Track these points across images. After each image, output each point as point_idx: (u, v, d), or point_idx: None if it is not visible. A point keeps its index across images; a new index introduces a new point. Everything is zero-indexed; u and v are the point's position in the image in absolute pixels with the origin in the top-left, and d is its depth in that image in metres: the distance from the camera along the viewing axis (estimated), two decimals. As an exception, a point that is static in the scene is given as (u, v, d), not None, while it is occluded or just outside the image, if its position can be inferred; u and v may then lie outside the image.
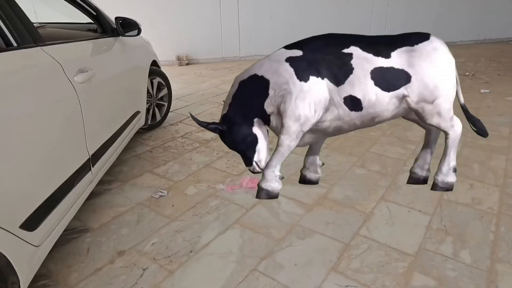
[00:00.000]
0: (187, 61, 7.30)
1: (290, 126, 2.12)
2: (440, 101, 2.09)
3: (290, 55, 2.10)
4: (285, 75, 2.06)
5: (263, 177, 2.36)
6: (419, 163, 2.54)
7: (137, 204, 2.38)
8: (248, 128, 2.25)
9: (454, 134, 2.25)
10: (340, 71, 2.05)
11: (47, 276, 1.77)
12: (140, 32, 2.91)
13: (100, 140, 2.12)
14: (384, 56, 2.06)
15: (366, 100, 2.07)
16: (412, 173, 2.58)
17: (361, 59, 2.05)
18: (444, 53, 2.08)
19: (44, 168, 1.55)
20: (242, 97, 2.23)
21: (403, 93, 2.07)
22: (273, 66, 2.11)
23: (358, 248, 1.95)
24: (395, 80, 2.05)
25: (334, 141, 3.32)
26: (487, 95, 4.84)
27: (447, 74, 2.08)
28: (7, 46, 1.56)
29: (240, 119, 2.23)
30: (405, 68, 2.05)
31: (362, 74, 2.04)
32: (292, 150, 2.22)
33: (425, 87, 2.05)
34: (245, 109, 2.23)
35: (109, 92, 2.36)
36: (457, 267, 1.81)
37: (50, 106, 1.61)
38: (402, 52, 2.07)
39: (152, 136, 3.54)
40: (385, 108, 2.11)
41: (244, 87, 2.21)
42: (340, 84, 2.05)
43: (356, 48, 2.07)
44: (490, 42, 9.45)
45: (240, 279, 1.74)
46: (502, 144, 3.24)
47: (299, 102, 2.05)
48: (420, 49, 2.06)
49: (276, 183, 2.36)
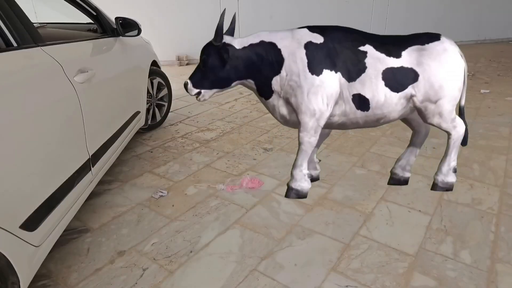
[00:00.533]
0: (187, 61, 7.29)
1: (307, 122, 2.13)
2: (443, 101, 2.09)
3: (311, 40, 2.06)
4: (298, 65, 2.04)
5: (292, 177, 2.38)
6: (401, 163, 2.54)
7: (137, 204, 2.38)
8: (234, 73, 2.12)
9: (457, 135, 2.25)
10: (354, 68, 2.05)
11: (47, 276, 1.77)
12: (140, 32, 2.91)
13: (100, 140, 2.12)
14: (395, 56, 2.06)
15: (374, 101, 2.07)
16: (393, 173, 2.58)
17: (374, 59, 2.05)
18: (454, 54, 2.08)
19: (44, 168, 1.55)
20: (255, 53, 2.09)
21: (410, 92, 2.08)
22: (293, 45, 2.07)
23: (358, 248, 1.95)
24: (404, 79, 2.06)
25: (334, 141, 3.32)
26: (487, 95, 4.84)
27: (454, 76, 2.08)
28: (7, 46, 1.56)
29: (240, 63, 2.10)
30: (414, 67, 2.06)
31: (374, 75, 2.04)
32: (314, 145, 2.23)
33: (430, 86, 2.05)
34: (250, 66, 2.11)
35: (109, 92, 2.36)
36: (457, 267, 1.81)
37: (50, 106, 1.61)
38: (412, 51, 2.08)
39: (152, 136, 3.54)
40: (393, 109, 2.12)
41: (260, 47, 2.09)
42: (352, 81, 2.06)
43: (370, 47, 2.07)
44: (490, 42, 9.45)
45: (240, 279, 1.74)
46: (502, 144, 3.24)
47: (312, 97, 2.05)
48: (430, 49, 2.07)
49: (305, 182, 2.37)
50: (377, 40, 2.11)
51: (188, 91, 2.17)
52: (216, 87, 2.17)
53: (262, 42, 2.09)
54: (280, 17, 7.65)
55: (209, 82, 2.14)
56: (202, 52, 2.12)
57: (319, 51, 2.04)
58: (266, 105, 2.25)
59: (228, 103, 4.64)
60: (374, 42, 2.09)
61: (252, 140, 3.41)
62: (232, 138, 3.48)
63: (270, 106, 2.23)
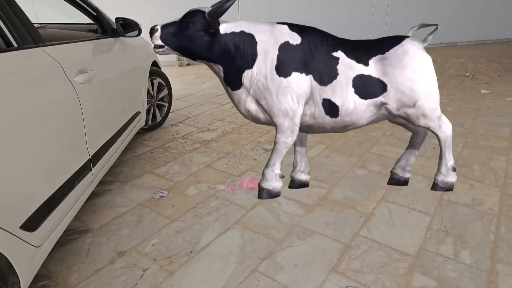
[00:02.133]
0: (187, 62, 7.29)
1: (282, 124, 2.12)
2: (422, 102, 2.07)
3: (287, 40, 2.04)
4: (267, 66, 2.03)
5: (263, 177, 2.36)
6: (401, 164, 2.54)
7: (137, 205, 2.38)
8: (206, 53, 2.03)
9: (444, 135, 2.24)
10: (327, 73, 2.04)
11: (47, 277, 1.77)
12: (140, 33, 2.92)
13: (100, 140, 2.12)
14: (364, 63, 2.06)
15: (344, 108, 2.07)
16: (393, 173, 2.58)
17: (345, 65, 2.04)
18: (416, 54, 2.04)
19: (44, 168, 1.55)
20: (233, 42, 2.02)
21: (381, 100, 2.07)
22: (269, 42, 2.03)
23: (358, 248, 1.95)
24: (373, 89, 2.06)
25: (335, 142, 3.32)
26: (487, 95, 4.84)
27: (422, 76, 2.05)
28: (8, 47, 1.56)
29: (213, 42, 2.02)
30: (380, 77, 2.05)
31: (345, 82, 2.04)
32: (290, 147, 2.22)
33: (401, 93, 2.05)
34: (225, 53, 2.03)
35: (109, 92, 2.37)
36: (458, 268, 1.81)
37: (50, 107, 1.61)
38: (376, 61, 2.06)
39: (152, 137, 3.54)
40: (361, 116, 2.11)
41: (239, 37, 2.03)
42: (323, 85, 2.05)
43: (342, 53, 2.06)
44: (490, 42, 9.45)
45: (240, 280, 1.74)
46: (503, 145, 3.24)
47: (281, 98, 2.04)
48: (390, 56, 2.05)
49: (277, 182, 2.36)
50: (349, 46, 2.10)
51: (152, 38, 2.02)
52: (180, 52, 2.06)
53: (242, 32, 2.04)
54: (280, 17, 7.64)
55: (178, 44, 2.01)
56: (188, 16, 2.00)
57: (293, 52, 2.03)
58: (231, 96, 2.18)
59: (229, 103, 4.64)
60: (345, 48, 2.08)
61: (252, 141, 3.41)
62: (233, 138, 3.48)
63: (235, 98, 2.16)
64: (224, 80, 2.14)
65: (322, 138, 3.40)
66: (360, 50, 2.09)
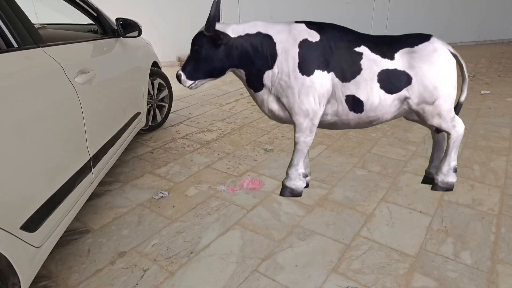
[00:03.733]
0: (187, 62, 7.29)
1: (301, 123, 2.13)
2: (440, 102, 2.09)
3: (306, 38, 2.04)
4: (289, 64, 2.03)
5: (287, 176, 2.38)
6: (434, 163, 2.53)
7: (137, 205, 2.38)
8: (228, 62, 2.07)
9: (456, 134, 2.25)
10: (349, 69, 2.04)
11: (47, 277, 1.77)
12: (140, 33, 2.92)
13: (100, 141, 2.12)
14: (389, 57, 2.06)
15: (368, 103, 2.07)
16: (428, 173, 2.57)
17: (370, 61, 2.05)
18: (444, 54, 2.08)
19: (44, 169, 1.55)
20: (251, 44, 2.04)
21: (405, 94, 2.08)
22: (288, 42, 2.04)
23: (358, 249, 1.95)
24: (398, 82, 2.06)
25: (335, 142, 3.32)
26: (487, 96, 4.84)
27: (447, 75, 2.08)
28: (8, 47, 1.56)
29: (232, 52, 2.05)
30: (406, 70, 2.06)
31: (370, 77, 2.04)
32: (310, 145, 2.24)
33: (425, 88, 2.06)
34: (244, 56, 2.06)
35: (109, 93, 2.37)
36: (458, 268, 1.80)
37: (50, 107, 1.61)
38: (403, 53, 2.07)
39: (152, 137, 3.54)
40: (386, 111, 2.12)
41: (256, 38, 2.04)
42: (346, 81, 2.05)
43: (366, 48, 2.07)
44: (490, 43, 9.45)
45: (240, 280, 1.74)
46: (503, 145, 3.24)
47: (303, 98, 2.05)
48: (420, 50, 2.07)
49: (300, 182, 2.37)
50: (372, 41, 2.10)
51: (181, 83, 2.10)
52: (210, 76, 2.12)
53: (259, 34, 2.05)
54: (280, 17, 7.65)
55: (203, 72, 2.08)
56: (194, 43, 2.05)
57: (313, 50, 2.03)
58: (255, 97, 2.22)
59: (229, 104, 4.65)
60: (368, 43, 2.08)
61: (252, 141, 3.41)
62: (233, 139, 3.48)
63: (259, 99, 2.20)
64: (246, 82, 2.18)
65: (322, 138, 3.40)
66: (383, 45, 2.09)
